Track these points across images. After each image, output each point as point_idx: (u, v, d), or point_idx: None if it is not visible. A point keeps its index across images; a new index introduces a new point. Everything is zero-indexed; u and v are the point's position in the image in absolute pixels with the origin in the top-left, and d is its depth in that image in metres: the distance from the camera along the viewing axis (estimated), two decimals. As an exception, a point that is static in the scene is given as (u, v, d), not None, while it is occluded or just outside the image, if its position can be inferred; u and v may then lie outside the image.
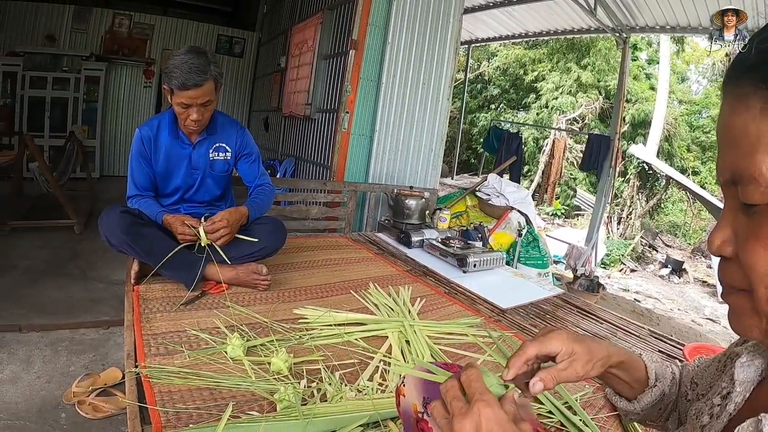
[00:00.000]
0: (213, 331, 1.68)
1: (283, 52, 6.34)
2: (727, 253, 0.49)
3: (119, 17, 7.72)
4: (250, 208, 2.20)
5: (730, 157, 0.47)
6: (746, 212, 0.47)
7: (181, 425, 1.17)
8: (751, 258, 0.46)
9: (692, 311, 6.96)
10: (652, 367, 0.82)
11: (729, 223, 0.49)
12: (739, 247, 0.48)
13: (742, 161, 0.45)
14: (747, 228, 0.47)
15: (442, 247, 3.13)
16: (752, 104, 0.44)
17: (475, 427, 0.54)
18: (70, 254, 4.17)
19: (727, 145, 0.48)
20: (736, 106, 0.46)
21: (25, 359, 2.55)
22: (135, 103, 8.04)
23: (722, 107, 0.49)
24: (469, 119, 14.63)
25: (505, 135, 8.02)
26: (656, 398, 0.81)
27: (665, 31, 6.32)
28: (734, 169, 0.46)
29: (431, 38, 4.53)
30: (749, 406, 0.56)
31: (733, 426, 0.51)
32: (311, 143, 5.05)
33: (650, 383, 0.81)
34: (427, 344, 1.76)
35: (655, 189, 11.65)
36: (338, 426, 1.21)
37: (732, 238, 0.49)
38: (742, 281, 0.48)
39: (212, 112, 2.15)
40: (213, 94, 2.06)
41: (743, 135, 0.45)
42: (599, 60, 12.77)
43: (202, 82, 1.98)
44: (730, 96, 0.47)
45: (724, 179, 0.49)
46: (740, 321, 0.50)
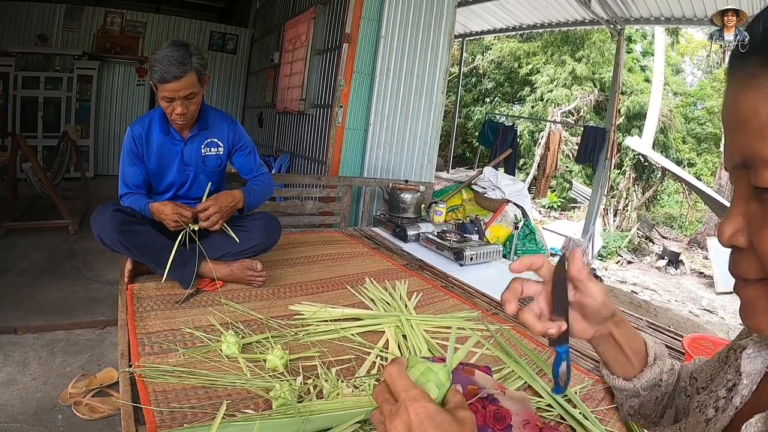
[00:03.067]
0: (208, 329, 1.67)
1: (276, 47, 6.32)
2: (739, 243, 0.47)
3: (111, 15, 7.68)
4: (245, 193, 2.18)
5: (740, 141, 0.45)
6: (759, 197, 0.45)
7: (176, 425, 1.16)
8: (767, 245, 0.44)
9: (689, 302, 6.97)
10: (651, 344, 0.79)
11: (740, 212, 0.47)
12: (754, 234, 0.46)
13: (754, 143, 0.43)
14: (761, 214, 0.45)
15: (439, 241, 3.12)
16: (761, 83, 0.42)
17: (406, 425, 0.52)
18: (65, 254, 4.15)
19: (736, 129, 0.46)
20: (744, 87, 0.44)
21: (20, 361, 2.53)
22: (128, 102, 7.99)
23: (728, 90, 0.47)
24: (464, 113, 14.62)
25: (500, 128, 8.02)
26: (655, 377, 0.77)
27: (660, 23, 6.31)
28: (745, 152, 0.44)
29: (425, 31, 4.51)
30: (756, 399, 0.55)
31: (740, 419, 0.50)
32: (306, 139, 5.03)
33: (649, 361, 0.78)
34: (424, 338, 1.75)
35: (651, 181, 11.66)
36: (335, 423, 1.20)
37: (744, 227, 0.47)
38: (758, 271, 0.46)
39: (198, 105, 2.12)
40: (196, 87, 2.04)
41: (753, 116, 0.43)
42: (594, 52, 12.75)
43: (181, 74, 1.96)
44: (737, 77, 0.46)
45: (734, 164, 0.47)
46: (758, 317, 0.48)
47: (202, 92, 2.10)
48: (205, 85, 2.11)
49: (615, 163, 9.38)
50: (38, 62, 7.11)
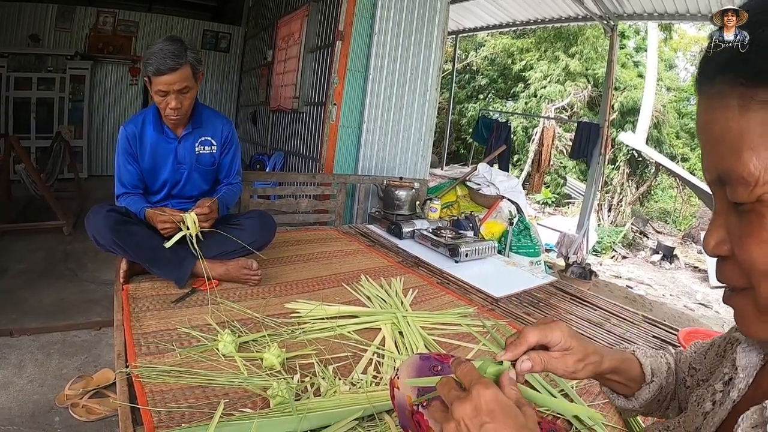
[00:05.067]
0: (204, 328, 1.67)
1: (269, 45, 6.29)
2: (723, 252, 0.49)
3: (103, 15, 7.62)
4: (220, 204, 2.19)
5: (714, 158, 0.46)
6: (736, 211, 0.46)
7: (174, 425, 1.16)
8: (748, 257, 0.45)
9: (684, 296, 7.01)
10: (647, 363, 0.81)
11: (721, 224, 0.48)
12: (735, 246, 0.47)
13: (728, 161, 0.44)
14: (739, 227, 0.46)
15: (434, 238, 3.12)
16: (729, 102, 0.43)
17: (475, 408, 0.52)
18: (60, 256, 4.14)
19: (709, 146, 0.47)
20: (713, 105, 0.45)
21: (17, 363, 2.52)
22: (121, 102, 7.95)
23: (699, 107, 0.48)
24: (457, 110, 14.60)
25: (494, 124, 8.02)
26: (654, 393, 0.80)
27: (653, 18, 6.32)
28: (720, 169, 0.45)
29: (418, 28, 4.51)
30: (752, 392, 0.55)
31: (737, 412, 0.50)
32: (300, 136, 5.02)
33: (647, 379, 0.80)
34: (421, 335, 1.76)
35: (645, 176, 11.71)
36: (333, 420, 1.20)
37: (726, 238, 0.48)
38: (742, 280, 0.47)
39: (192, 101, 2.11)
40: (191, 81, 2.03)
41: (725, 134, 0.44)
42: (587, 48, 12.76)
43: (177, 67, 1.96)
44: (706, 96, 0.46)
45: (711, 179, 0.48)
46: (748, 324, 0.49)
47: (196, 88, 2.10)
48: (199, 82, 2.11)
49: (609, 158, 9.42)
50: (30, 63, 7.05)
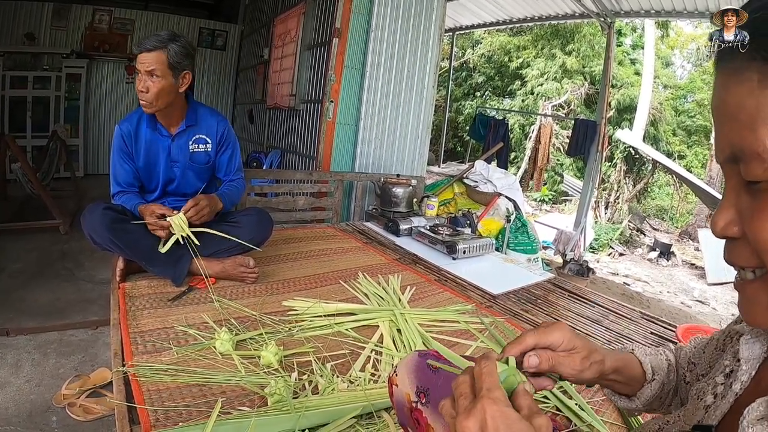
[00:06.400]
0: (201, 327, 1.66)
1: (266, 43, 6.27)
2: (732, 233, 0.48)
3: (99, 13, 7.58)
4: (222, 199, 2.19)
5: (729, 134, 0.45)
6: (750, 190, 0.45)
7: (171, 424, 1.16)
8: (760, 235, 0.44)
9: (681, 293, 7.02)
10: (646, 362, 0.80)
11: (732, 204, 0.48)
12: (746, 225, 0.46)
13: (742, 137, 0.43)
14: (752, 206, 0.45)
15: (431, 235, 3.12)
16: (748, 77, 0.43)
17: (480, 425, 0.49)
18: (56, 255, 4.12)
19: (725, 122, 0.46)
20: (731, 80, 0.44)
21: (13, 363, 2.51)
22: (118, 100, 7.90)
23: (716, 84, 0.48)
24: (454, 107, 14.60)
25: (491, 122, 8.01)
26: (656, 391, 0.79)
27: (650, 16, 6.30)
28: (735, 146, 0.45)
29: (415, 25, 4.50)
30: (755, 385, 0.55)
31: (740, 405, 0.50)
32: (297, 134, 5.01)
33: (648, 378, 0.79)
34: (419, 332, 1.75)
35: (642, 173, 11.71)
36: (331, 418, 1.20)
37: (736, 218, 0.47)
38: (752, 259, 0.46)
39: (159, 91, 2.03)
40: (162, 69, 2.00)
41: (741, 110, 0.43)
42: (584, 46, 12.75)
43: (152, 48, 1.98)
44: (725, 71, 0.46)
45: (724, 157, 0.47)
46: (756, 312, 0.49)
47: (168, 81, 2.04)
48: (180, 80, 2.09)
49: (606, 155, 9.42)
50: (26, 61, 7.02)
